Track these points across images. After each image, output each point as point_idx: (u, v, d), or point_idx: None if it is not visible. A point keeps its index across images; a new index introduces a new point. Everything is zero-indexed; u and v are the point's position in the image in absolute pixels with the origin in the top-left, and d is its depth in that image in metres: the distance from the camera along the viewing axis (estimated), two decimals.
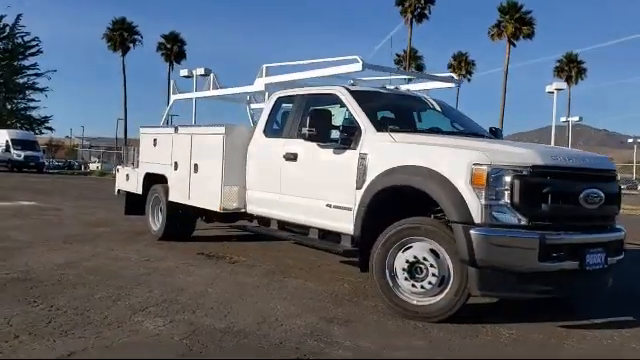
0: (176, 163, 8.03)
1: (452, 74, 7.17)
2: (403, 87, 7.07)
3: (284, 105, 7.01)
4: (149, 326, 4.21)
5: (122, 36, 56.80)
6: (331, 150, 5.64)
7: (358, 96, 5.84)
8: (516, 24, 45.59)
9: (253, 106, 10.35)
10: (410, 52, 53.16)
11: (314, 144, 5.82)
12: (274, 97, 6.99)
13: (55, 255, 6.89)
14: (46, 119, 57.66)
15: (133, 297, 5.01)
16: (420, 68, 54.77)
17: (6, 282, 5.37)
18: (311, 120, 5.54)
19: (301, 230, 6.35)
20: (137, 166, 9.30)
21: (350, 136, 5.48)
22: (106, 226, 10.00)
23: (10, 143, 37.02)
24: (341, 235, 5.71)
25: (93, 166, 49.30)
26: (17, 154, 36.71)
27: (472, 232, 4.26)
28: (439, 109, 6.42)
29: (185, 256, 7.21)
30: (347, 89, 5.98)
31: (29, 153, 37.14)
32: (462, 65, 56.67)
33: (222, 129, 7.03)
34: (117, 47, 56.60)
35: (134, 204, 9.56)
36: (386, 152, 5.13)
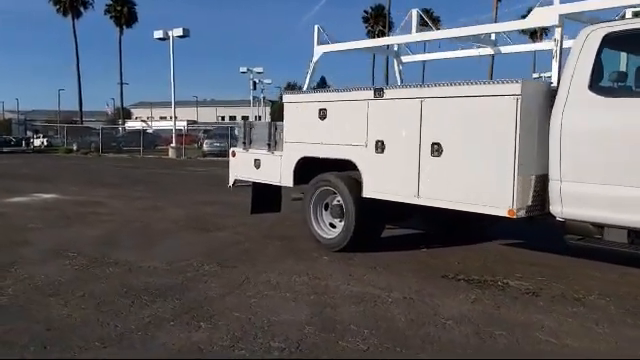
0: (380, 142, 5.41)
1: None
2: None
3: (605, 49, 4.51)
4: None
5: None
6: None
7: None
8: None
9: (404, 59, 7.76)
10: (381, 9, 50.30)
11: None
12: (598, 34, 4.44)
13: (266, 301, 4.22)
14: None
15: None
16: (390, 26, 51.85)
17: None
18: None
19: None
20: (277, 148, 6.57)
21: None
22: (218, 230, 7.28)
23: None
24: None
25: (37, 142, 43.42)
26: None
27: None
28: None
29: (442, 285, 4.71)
30: None
31: None
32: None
33: (516, 87, 4.43)
34: (66, 11, 50.86)
35: (263, 199, 7.00)
36: None
